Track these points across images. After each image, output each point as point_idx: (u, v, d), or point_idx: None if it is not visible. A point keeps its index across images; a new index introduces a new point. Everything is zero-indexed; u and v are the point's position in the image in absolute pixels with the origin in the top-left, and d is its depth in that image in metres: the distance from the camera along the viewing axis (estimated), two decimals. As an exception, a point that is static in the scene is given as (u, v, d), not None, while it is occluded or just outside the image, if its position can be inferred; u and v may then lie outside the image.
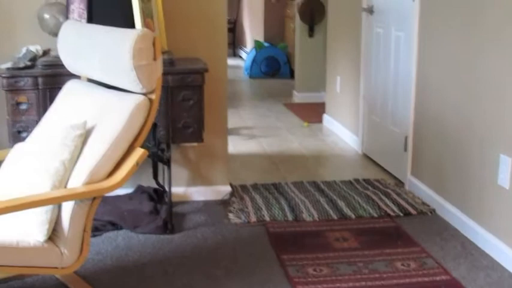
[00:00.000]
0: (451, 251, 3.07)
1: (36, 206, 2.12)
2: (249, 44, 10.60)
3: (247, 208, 3.60)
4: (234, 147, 4.98)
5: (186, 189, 3.77)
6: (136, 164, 2.27)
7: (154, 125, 3.19)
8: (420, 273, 2.82)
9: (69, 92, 2.64)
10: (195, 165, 3.78)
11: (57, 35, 2.66)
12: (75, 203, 2.22)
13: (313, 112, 6.21)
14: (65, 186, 2.25)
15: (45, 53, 3.33)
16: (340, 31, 5.51)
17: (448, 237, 3.24)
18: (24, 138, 2.89)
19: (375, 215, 3.51)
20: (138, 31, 2.29)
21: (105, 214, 3.34)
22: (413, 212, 3.56)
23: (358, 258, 2.96)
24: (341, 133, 5.43)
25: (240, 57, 11.02)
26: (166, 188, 3.39)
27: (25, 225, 2.21)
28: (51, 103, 2.71)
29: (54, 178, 2.22)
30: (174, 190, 3.56)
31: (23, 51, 3.25)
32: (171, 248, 3.10)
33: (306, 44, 7.14)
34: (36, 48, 3.27)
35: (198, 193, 3.78)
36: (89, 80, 2.65)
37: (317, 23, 7.09)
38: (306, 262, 2.92)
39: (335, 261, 2.93)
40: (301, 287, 2.68)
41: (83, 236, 2.26)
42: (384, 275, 2.79)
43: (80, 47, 2.53)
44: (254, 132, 5.59)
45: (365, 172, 4.41)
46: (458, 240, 3.20)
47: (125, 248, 3.09)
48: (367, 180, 4.14)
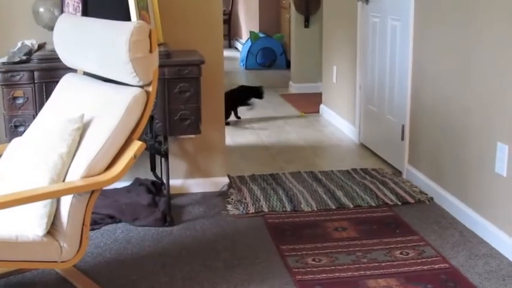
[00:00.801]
0: (450, 239, 3.08)
1: (35, 200, 2.11)
2: (245, 35, 10.57)
3: (246, 199, 3.60)
4: (231, 138, 4.98)
5: (184, 182, 3.77)
6: (134, 156, 2.27)
7: (151, 118, 3.19)
8: (419, 261, 2.83)
9: (65, 85, 2.63)
10: (192, 157, 3.77)
11: (53, 28, 2.65)
12: (73, 197, 2.22)
13: (310, 103, 6.20)
14: (63, 180, 2.24)
15: (41, 47, 3.32)
16: (336, 21, 5.50)
17: (446, 226, 3.25)
18: (21, 133, 2.88)
19: (373, 204, 3.51)
20: (134, 23, 2.28)
21: (104, 207, 3.34)
22: (411, 200, 3.57)
23: (357, 248, 2.97)
24: (338, 123, 5.43)
25: (236, 49, 10.99)
26: (164, 180, 3.39)
27: (24, 220, 2.21)
28: (47, 97, 2.71)
29: (53, 172, 2.22)
30: (172, 182, 3.56)
31: (18, 45, 3.23)
32: (170, 240, 3.10)
33: (301, 34, 7.13)
34: (31, 42, 3.26)
35: (196, 185, 3.78)
36: (85, 73, 2.64)
37: (313, 14, 7.07)
38: (305, 252, 2.92)
39: (334, 250, 2.94)
40: (300, 277, 2.69)
41: (82, 229, 2.26)
42: (383, 264, 2.80)
43: (76, 40, 2.52)
44: (252, 124, 5.59)
45: (362, 162, 4.41)
46: (456, 229, 3.21)
47: (123, 241, 3.09)
48: (364, 170, 4.15)
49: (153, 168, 3.66)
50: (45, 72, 3.09)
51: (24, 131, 2.68)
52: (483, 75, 3.07)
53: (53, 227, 2.23)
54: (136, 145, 2.28)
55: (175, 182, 3.71)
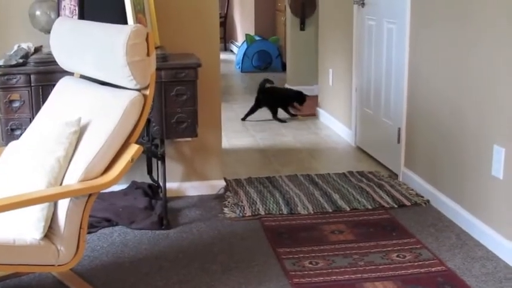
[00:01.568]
0: (446, 242, 3.09)
1: (32, 204, 2.11)
2: (240, 38, 10.58)
3: (242, 202, 3.61)
4: (227, 141, 4.98)
5: (180, 185, 3.77)
6: (132, 160, 2.27)
7: (148, 121, 3.19)
8: (416, 264, 2.83)
9: (62, 89, 2.63)
10: (189, 160, 3.78)
11: (49, 31, 2.65)
12: (70, 200, 2.22)
13: (306, 105, 6.19)
14: (61, 184, 2.25)
15: (37, 50, 3.32)
16: (331, 24, 5.51)
17: (442, 228, 3.26)
18: (17, 136, 2.88)
19: (370, 207, 3.52)
20: (131, 27, 2.28)
21: (100, 211, 3.34)
22: (407, 203, 3.58)
23: (353, 251, 2.97)
24: (334, 126, 5.44)
25: (231, 52, 11.00)
26: (161, 183, 3.39)
27: (21, 223, 2.20)
28: (44, 100, 2.71)
29: (50, 175, 2.22)
30: (169, 185, 3.56)
31: (15, 48, 3.23)
32: (167, 243, 3.10)
33: (297, 37, 7.14)
34: (27, 46, 3.26)
35: (193, 188, 3.78)
36: (82, 76, 2.64)
37: (308, 16, 7.08)
38: (302, 255, 2.93)
39: (331, 253, 2.95)
40: (297, 280, 2.69)
41: (79, 233, 2.26)
42: (380, 267, 2.80)
43: (72, 43, 2.52)
44: (247, 126, 5.59)
45: (359, 164, 4.42)
46: (453, 231, 3.22)
47: (120, 244, 3.09)
48: (360, 173, 4.15)
49: (150, 171, 3.66)
50: (41, 76, 3.09)
51: (21, 134, 2.68)
52: (479, 78, 3.09)
53: (50, 231, 2.23)
54: (134, 148, 2.29)
55: (172, 185, 3.71)
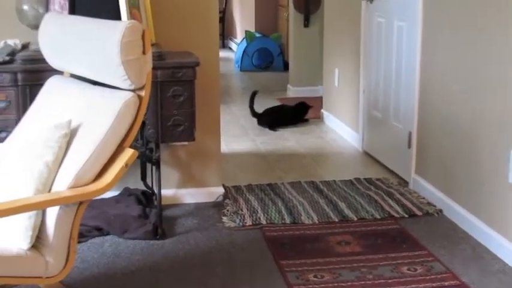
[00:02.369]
0: (460, 255, 3.09)
1: (19, 212, 2.11)
2: (240, 34, 10.59)
3: (242, 211, 3.61)
4: (226, 146, 4.98)
5: (176, 191, 3.77)
6: (126, 165, 2.27)
7: (143, 123, 3.18)
8: (427, 278, 2.83)
9: (51, 88, 2.63)
10: (185, 166, 3.78)
11: (37, 27, 2.65)
12: (60, 208, 2.21)
13: (310, 108, 6.19)
14: (49, 190, 2.24)
15: (24, 46, 3.32)
16: (338, 21, 5.52)
17: (456, 240, 3.26)
18: (3, 139, 2.87)
19: (378, 217, 3.52)
20: (126, 23, 2.28)
21: (91, 219, 3.34)
22: (418, 213, 3.58)
23: (361, 263, 2.97)
24: (340, 130, 5.44)
25: (230, 49, 11.01)
26: (155, 190, 3.39)
27: (7, 232, 2.20)
28: (31, 101, 2.70)
29: (38, 181, 2.22)
30: (164, 192, 3.55)
31: (1, 45, 3.23)
32: (162, 254, 3.10)
33: (301, 34, 7.15)
34: (14, 42, 3.26)
35: (189, 195, 3.78)
36: (73, 75, 2.64)
37: (313, 12, 7.09)
38: (306, 268, 2.93)
39: (337, 266, 2.94)
40: (301, 294, 2.69)
41: (69, 243, 2.25)
42: (390, 281, 2.80)
43: (62, 40, 2.52)
44: (247, 130, 5.60)
45: (366, 171, 4.42)
46: (467, 243, 3.22)
47: (112, 254, 3.08)
48: (368, 180, 4.16)
49: (144, 177, 3.66)
50: (29, 74, 3.09)
51: (6, 137, 2.67)
52: (497, 80, 3.09)
53: (38, 241, 2.22)
54: (128, 153, 2.28)
55: (167, 192, 3.71)
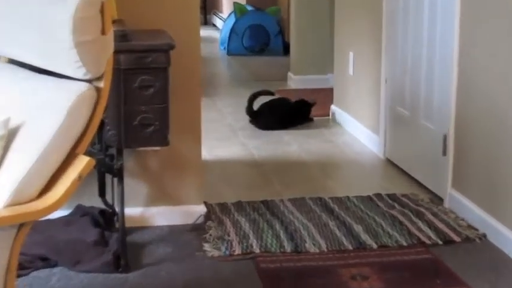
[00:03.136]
0: (509, 292, 3.11)
1: None
2: (226, 8, 10.63)
3: (229, 236, 3.61)
4: (209, 151, 4.99)
5: (144, 211, 3.78)
6: (79, 177, 2.27)
7: (101, 123, 3.19)
8: (468, 323, 2.85)
9: (-17, 78, 2.63)
10: (156, 178, 3.78)
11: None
12: (-6, 233, 2.22)
13: (317, 102, 6.22)
14: (-19, 209, 2.25)
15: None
16: (353, -9, 5.55)
17: (504, 272, 3.28)
18: None
19: (405, 244, 3.54)
20: (80, -6, 2.29)
21: (34, 246, 3.34)
22: (456, 238, 3.60)
23: (382, 304, 2.99)
24: (355, 131, 5.46)
25: (214, 26, 11.05)
26: (117, 208, 3.39)
27: None
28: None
29: (-34, 198, 2.22)
30: (128, 212, 3.56)
31: None
32: (126, 291, 3.11)
33: (305, 8, 7.17)
34: None
35: (161, 216, 3.79)
36: (12, 61, 2.64)
37: (321, -20, 7.12)
38: (311, 310, 2.94)
39: (351, 307, 2.96)
40: None
41: (6, 278, 2.25)
42: (419, 327, 2.82)
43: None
44: (236, 131, 5.61)
45: (389, 184, 4.44)
46: (518, 277, 3.24)
47: (61, 292, 3.09)
48: (392, 196, 4.17)
49: (102, 193, 3.66)
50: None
51: None
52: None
53: (-35, 274, 2.22)
54: (82, 162, 2.28)
55: (133, 211, 3.71)
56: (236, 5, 9.08)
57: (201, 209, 3.85)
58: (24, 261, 3.25)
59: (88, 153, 2.38)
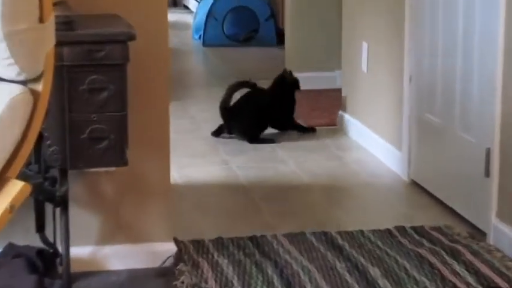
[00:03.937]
0: None
1: None
2: (202, -16, 10.65)
3: (207, 283, 3.61)
4: (180, 172, 4.99)
5: (96, 251, 3.78)
6: (11, 208, 2.27)
7: (40, 137, 3.19)
8: None
9: None
10: (112, 207, 3.78)
11: None
12: None
13: (321, 108, 6.24)
14: None
15: None
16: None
17: None
18: None
19: (436, 292, 3.55)
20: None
21: (-49, 298, 3.34)
22: (503, 285, 3.60)
23: None
24: (371, 144, 5.47)
25: (186, 9, 11.07)
26: (60, 248, 3.39)
27: None
28: None
29: None
30: (75, 252, 3.56)
31: None
32: None
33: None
34: None
35: (118, 257, 3.79)
36: None
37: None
38: None
39: None
40: None
41: None
42: None
43: None
44: (216, 145, 5.61)
45: (416, 214, 4.45)
46: None
47: None
48: (419, 229, 4.18)
49: (41, 228, 3.66)
50: None
51: None
52: None
53: None
54: (15, 188, 2.29)
55: (81, 251, 3.71)
56: (215, -20, 9.11)
57: (170, 248, 3.85)
58: None
59: (22, 176, 2.38)
